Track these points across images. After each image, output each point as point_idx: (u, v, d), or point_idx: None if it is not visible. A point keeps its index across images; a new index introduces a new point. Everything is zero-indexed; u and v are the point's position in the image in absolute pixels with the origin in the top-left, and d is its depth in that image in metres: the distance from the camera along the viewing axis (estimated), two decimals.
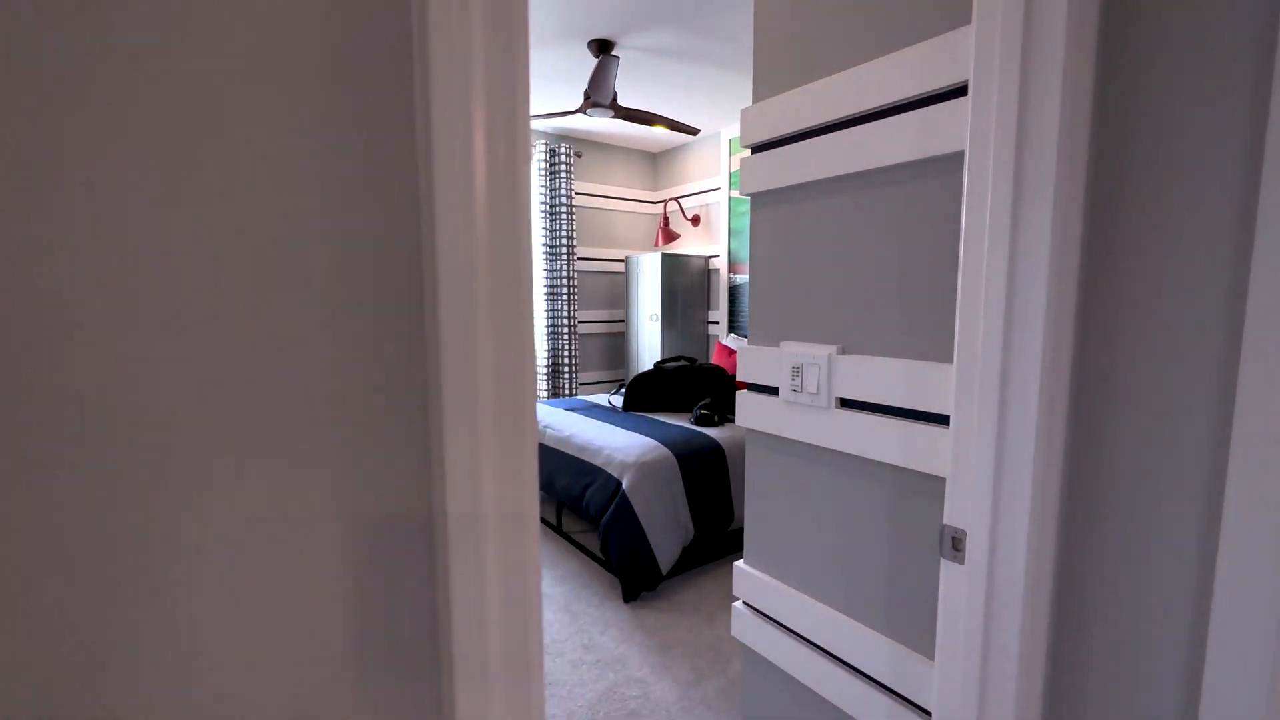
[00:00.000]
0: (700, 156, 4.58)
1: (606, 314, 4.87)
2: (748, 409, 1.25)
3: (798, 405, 1.13)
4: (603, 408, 3.28)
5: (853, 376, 1.03)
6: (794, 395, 1.13)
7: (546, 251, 4.33)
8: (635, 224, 4.99)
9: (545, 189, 4.28)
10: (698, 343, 4.58)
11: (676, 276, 4.37)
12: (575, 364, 4.50)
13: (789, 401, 1.15)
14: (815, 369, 1.09)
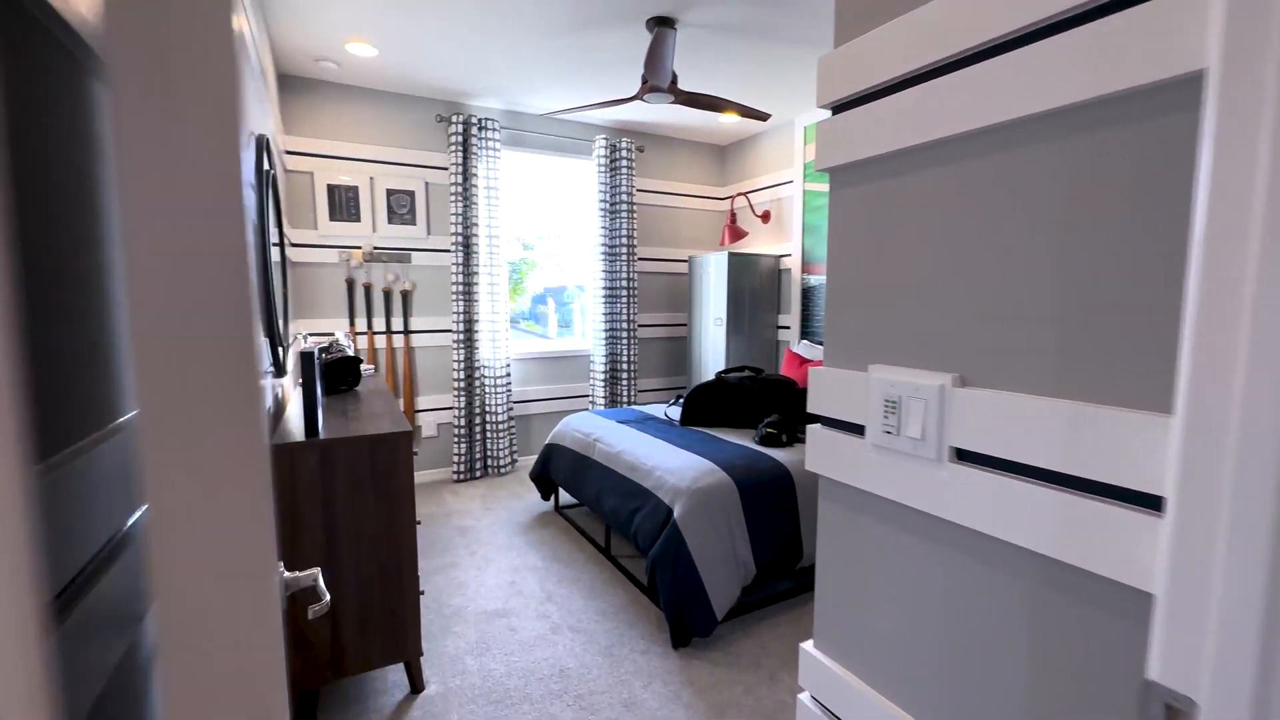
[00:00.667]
0: (771, 147, 4.23)
1: (667, 317, 4.61)
2: (820, 450, 0.95)
3: (892, 453, 0.83)
4: (658, 421, 3.02)
5: (976, 419, 0.72)
6: (887, 439, 0.83)
7: (605, 252, 4.14)
8: (700, 222, 4.70)
9: (604, 187, 4.09)
10: (766, 349, 4.23)
11: (744, 277, 4.05)
12: (634, 370, 4.27)
13: (880, 446, 0.84)
14: (919, 405, 0.78)
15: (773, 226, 4.28)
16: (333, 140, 3.37)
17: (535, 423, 4.18)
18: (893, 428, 0.81)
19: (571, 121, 4.08)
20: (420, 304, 3.69)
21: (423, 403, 3.76)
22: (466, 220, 3.68)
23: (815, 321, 3.94)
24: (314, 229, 3.37)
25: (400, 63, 3.08)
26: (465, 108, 3.71)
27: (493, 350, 3.78)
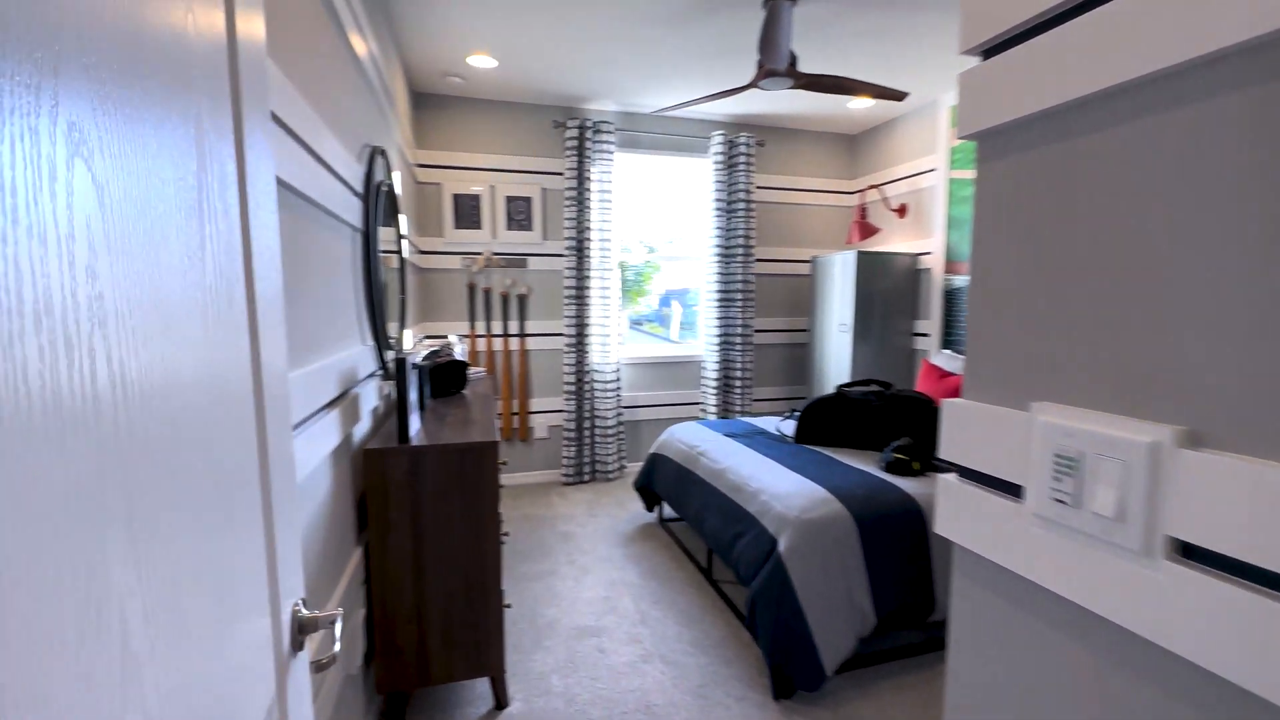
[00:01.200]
0: (910, 132, 3.77)
1: (786, 322, 4.31)
2: (956, 509, 0.71)
3: (1066, 531, 0.58)
4: (770, 436, 2.77)
5: (1213, 499, 0.46)
6: (1058, 510, 0.58)
7: (719, 253, 3.94)
8: (825, 219, 4.33)
9: (721, 185, 3.90)
10: (898, 359, 3.77)
11: (875, 278, 3.64)
12: (748, 379, 4.03)
13: (1046, 519, 0.59)
14: (1115, 469, 0.53)
15: (910, 221, 3.81)
16: (458, 152, 3.54)
17: (644, 429, 4.09)
18: (1068, 495, 0.57)
19: (687, 119, 3.94)
20: (535, 308, 3.77)
21: (535, 404, 3.83)
22: (580, 225, 3.69)
23: (960, 328, 3.43)
24: (441, 236, 3.56)
25: (519, 72, 3.14)
26: (581, 112, 3.73)
27: (603, 354, 3.75)
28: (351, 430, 1.53)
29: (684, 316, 10.24)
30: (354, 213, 1.60)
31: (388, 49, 2.46)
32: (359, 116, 1.77)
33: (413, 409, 1.64)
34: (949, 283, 3.51)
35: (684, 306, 8.55)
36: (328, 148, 1.30)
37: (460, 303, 3.63)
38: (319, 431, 1.21)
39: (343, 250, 1.51)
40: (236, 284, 0.49)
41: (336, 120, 1.50)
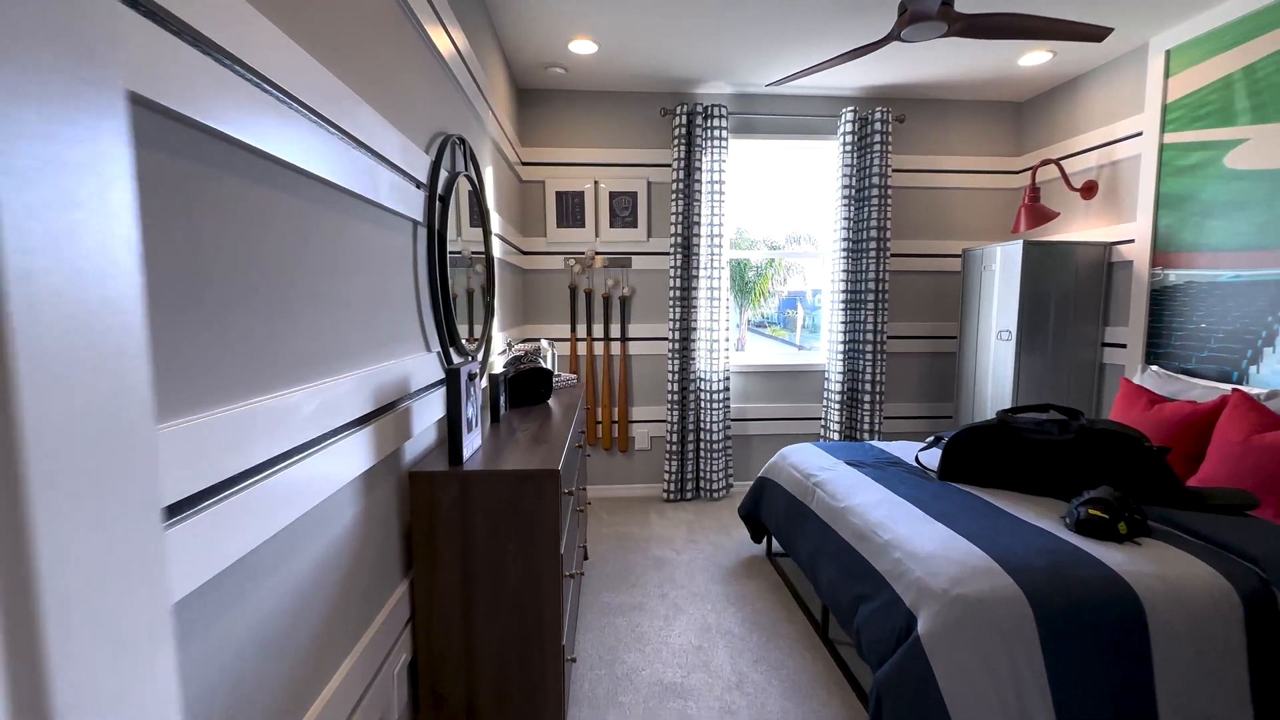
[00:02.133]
0: (1102, 92, 3.00)
1: (930, 328, 3.66)
2: None
3: None
4: (906, 468, 2.27)
5: None
6: None
7: (847, 248, 3.43)
8: (980, 204, 3.63)
9: (849, 170, 3.38)
10: (1081, 375, 3.02)
11: (1049, 274, 2.94)
12: (879, 393, 3.47)
13: None
14: None
15: (1099, 203, 3.03)
16: (562, 148, 3.40)
17: (755, 445, 3.69)
18: None
19: (811, 96, 3.48)
20: (638, 310, 3.53)
21: (637, 413, 3.59)
22: (687, 220, 3.39)
23: (1174, 338, 2.63)
24: (544, 236, 3.44)
25: (621, 55, 2.90)
26: (690, 97, 3.42)
27: (709, 361, 3.41)
28: (402, 447, 1.36)
29: (807, 320, 9.51)
30: (414, 205, 1.43)
31: (481, 34, 2.33)
32: (430, 104, 1.61)
33: (473, 425, 1.44)
34: (1159, 278, 2.71)
35: (807, 310, 7.86)
36: (365, 126, 1.11)
37: (563, 305, 3.48)
38: (340, 453, 1.02)
39: (394, 246, 1.34)
40: None
41: (392, 103, 1.33)
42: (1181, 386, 2.37)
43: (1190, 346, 2.57)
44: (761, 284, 11.36)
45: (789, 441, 3.69)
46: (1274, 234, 2.25)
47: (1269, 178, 2.27)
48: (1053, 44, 2.78)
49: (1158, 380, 2.50)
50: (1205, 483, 1.94)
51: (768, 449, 3.69)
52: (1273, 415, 1.88)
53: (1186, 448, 2.10)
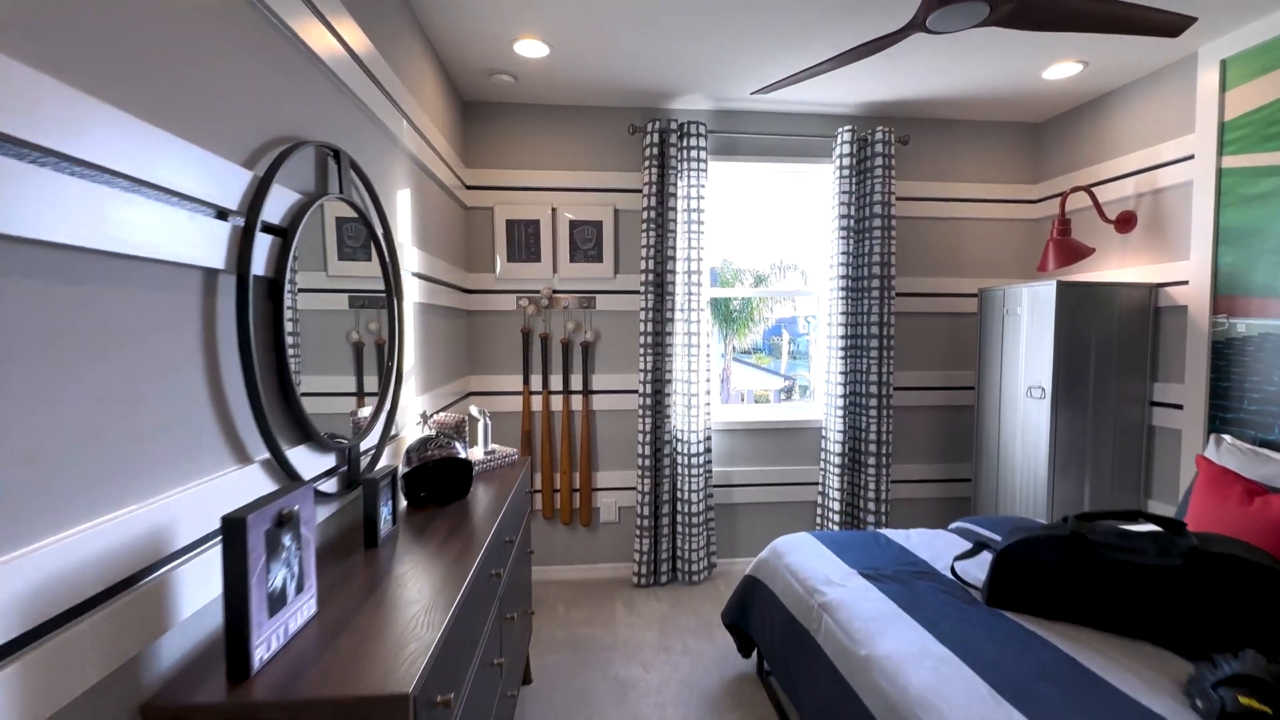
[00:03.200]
0: (1143, 109, 2.59)
1: (942, 377, 3.18)
2: None
3: None
4: (942, 581, 1.73)
5: None
6: None
7: (845, 286, 2.95)
8: (997, 237, 3.19)
9: (847, 197, 2.93)
10: (1125, 439, 2.54)
11: (1088, 320, 2.48)
12: (887, 453, 2.96)
13: None
14: None
15: (1139, 237, 2.60)
16: (514, 170, 2.91)
17: (742, 516, 3.14)
18: None
19: (802, 114, 3.04)
20: (604, 358, 3.00)
21: (603, 479, 3.04)
22: (661, 253, 2.90)
23: (1248, 401, 2.17)
24: (491, 272, 2.92)
25: (578, 60, 2.43)
26: (663, 113, 2.96)
27: (687, 419, 2.88)
28: (150, 649, 0.81)
29: (793, 347, 8.97)
30: (208, 244, 0.90)
31: (396, 30, 1.84)
32: (269, 102, 1.10)
33: (290, 593, 0.89)
34: (1224, 328, 2.26)
35: (793, 337, 7.41)
36: (87, 128, 0.59)
37: (514, 352, 2.95)
38: None
39: (158, 312, 0.81)
40: None
41: (175, 100, 0.81)
42: (1274, 470, 1.89)
43: (1271, 413, 2.09)
44: (749, 313, 10.91)
45: (781, 512, 3.15)
46: None
47: None
48: (1089, 52, 2.36)
49: (1240, 458, 2.01)
50: None
51: (757, 522, 3.14)
52: None
53: None
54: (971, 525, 2.16)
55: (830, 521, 3.00)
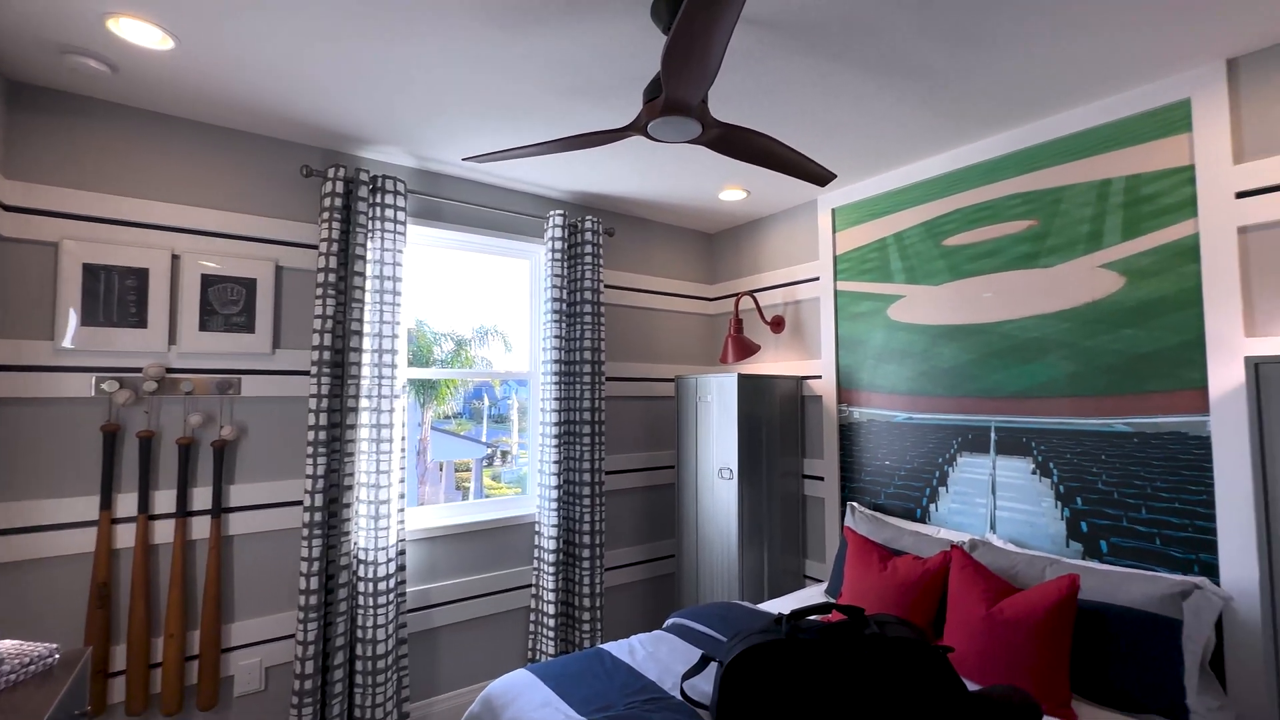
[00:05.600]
0: (782, 235, 3.21)
1: (646, 458, 3.29)
2: None
3: None
4: (672, 706, 1.60)
5: None
6: None
7: (559, 370, 2.84)
8: (688, 329, 3.54)
9: (560, 280, 2.87)
10: (788, 508, 2.95)
11: (759, 406, 2.84)
12: (601, 544, 2.86)
13: None
14: None
15: (788, 337, 3.16)
16: (107, 194, 2.01)
17: (445, 640, 2.62)
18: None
19: (516, 191, 2.92)
20: (250, 462, 2.21)
21: (241, 632, 2.17)
22: (343, 326, 2.33)
23: (864, 473, 2.73)
24: (50, 340, 1.90)
25: (226, 69, 1.82)
26: (352, 160, 2.47)
27: (374, 533, 2.29)
28: None
29: (493, 410, 8.63)
30: None
31: None
32: None
33: None
34: (846, 414, 2.84)
35: (493, 400, 7.09)
36: None
37: (85, 462, 1.94)
38: None
39: None
40: None
41: None
42: (892, 533, 2.36)
43: (879, 482, 2.67)
44: (449, 382, 10.31)
45: (492, 626, 2.74)
46: (932, 382, 2.48)
47: (923, 331, 2.52)
48: (752, 184, 2.81)
49: (869, 523, 2.48)
50: (957, 660, 1.77)
51: (463, 643, 2.66)
52: (996, 578, 1.85)
53: (926, 613, 1.97)
54: (689, 621, 2.15)
55: (545, 627, 2.72)
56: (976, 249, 2.36)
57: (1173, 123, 1.87)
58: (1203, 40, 1.67)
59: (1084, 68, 1.81)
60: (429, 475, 8.54)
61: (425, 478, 8.68)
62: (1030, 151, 2.21)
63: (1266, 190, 1.68)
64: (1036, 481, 2.14)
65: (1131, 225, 1.95)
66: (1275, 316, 1.67)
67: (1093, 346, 2.02)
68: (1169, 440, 1.84)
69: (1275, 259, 1.67)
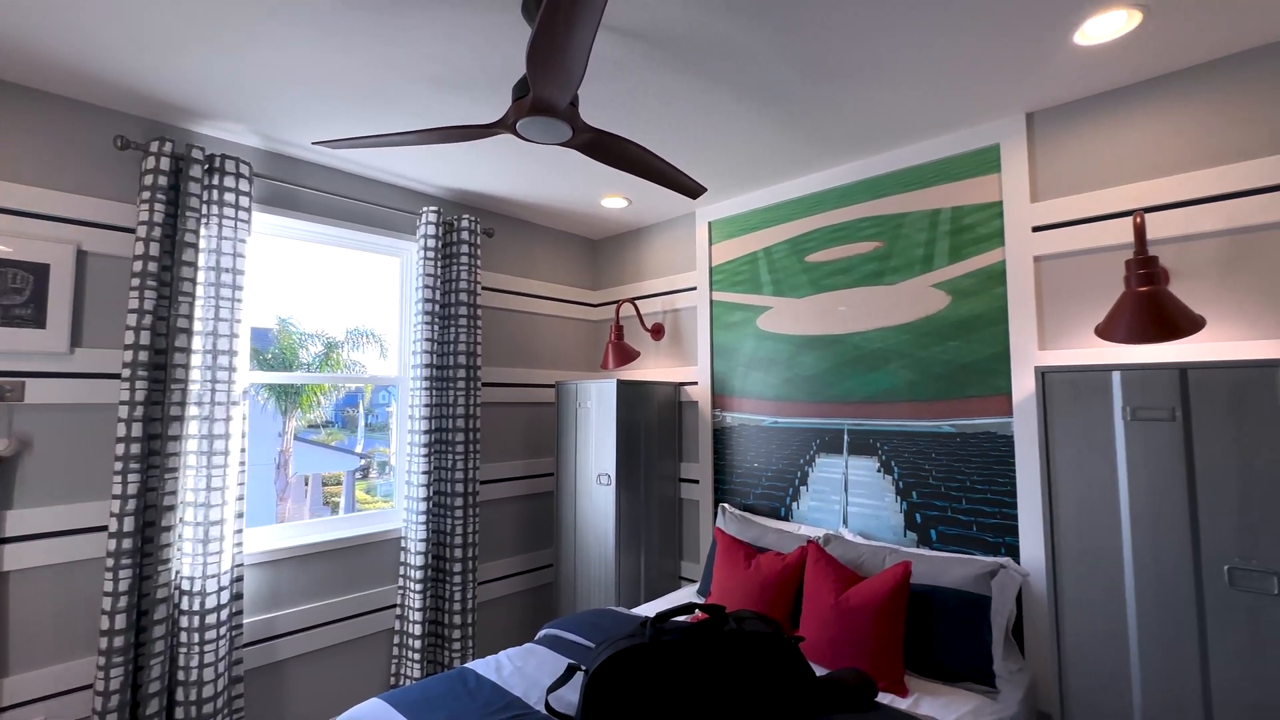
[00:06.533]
0: (663, 245, 3.29)
1: (524, 466, 3.21)
2: None
3: None
4: (532, 718, 1.55)
5: None
6: None
7: (431, 375, 2.69)
8: (570, 334, 3.51)
9: (433, 280, 2.72)
10: (665, 511, 3.01)
11: (638, 412, 2.88)
12: (474, 558, 2.73)
13: None
14: None
15: (667, 345, 3.24)
16: None
17: (293, 673, 2.36)
18: None
19: (384, 183, 2.73)
20: (34, 483, 1.85)
21: (18, 688, 1.80)
22: (167, 323, 2.04)
23: (735, 475, 2.86)
24: None
25: (14, 11, 1.53)
26: (182, 134, 2.18)
27: (202, 559, 2.02)
28: None
29: (371, 418, 8.01)
30: None
31: None
32: None
33: None
34: (719, 419, 2.95)
35: (370, 408, 6.73)
36: None
37: None
38: None
39: None
40: None
41: None
42: (757, 531, 2.49)
43: (749, 483, 2.80)
44: (316, 388, 9.19)
45: (349, 654, 2.51)
46: (796, 389, 2.65)
47: (787, 341, 2.70)
48: (633, 193, 2.85)
49: (738, 523, 2.59)
50: (809, 648, 1.90)
51: (315, 674, 2.41)
52: (844, 569, 2.00)
53: (785, 607, 2.09)
54: (560, 631, 2.11)
55: (410, 650, 2.54)
56: (833, 266, 2.56)
57: (986, 164, 2.16)
58: (1007, 96, 1.94)
59: (915, 110, 2.03)
60: (292, 490, 7.57)
61: (286, 493, 7.73)
62: (878, 180, 2.45)
63: (1055, 226, 1.98)
64: (881, 479, 2.36)
65: (956, 251, 2.22)
66: (1060, 333, 1.97)
67: (926, 357, 2.27)
68: (983, 439, 2.11)
69: (1060, 285, 1.98)
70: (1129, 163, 1.86)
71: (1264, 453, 1.31)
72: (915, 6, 1.49)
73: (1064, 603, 1.58)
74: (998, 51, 1.69)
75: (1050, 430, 1.62)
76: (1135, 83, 1.86)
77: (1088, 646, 1.54)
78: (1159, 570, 1.43)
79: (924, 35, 1.61)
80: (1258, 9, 1.51)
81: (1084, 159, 1.95)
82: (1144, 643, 1.45)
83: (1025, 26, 1.58)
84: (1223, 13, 1.52)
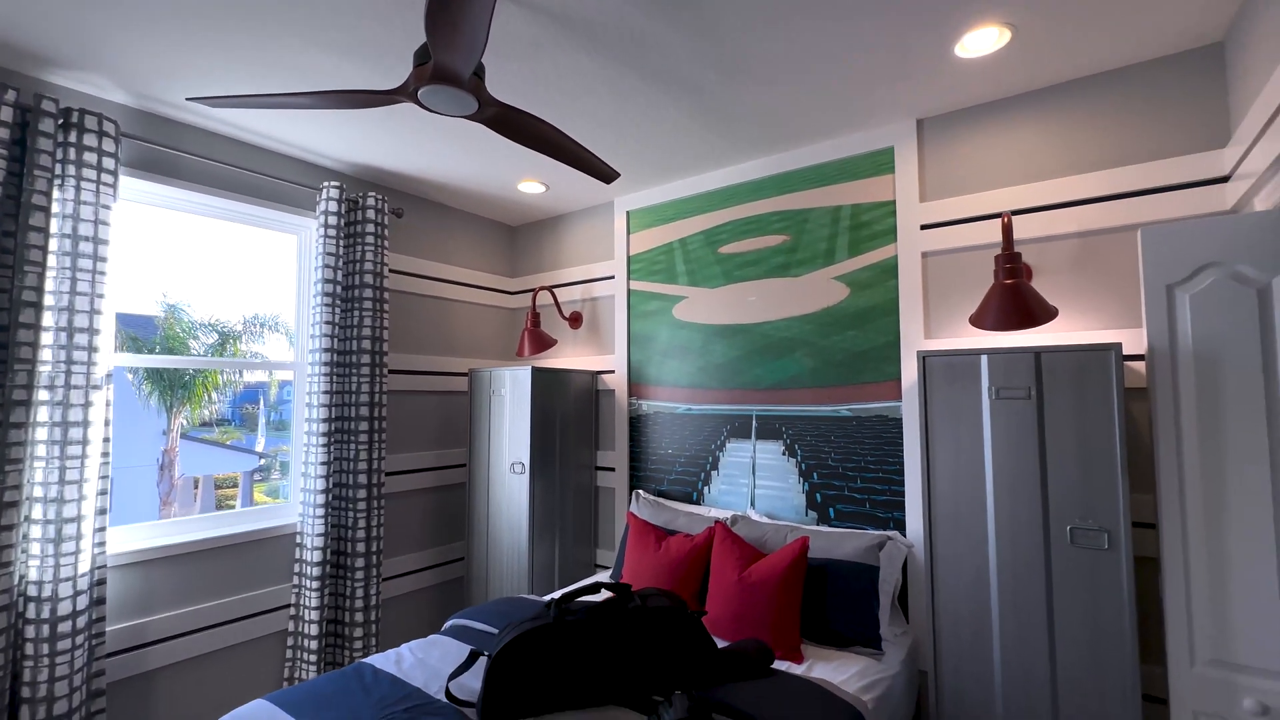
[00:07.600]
0: (581, 233, 3.27)
1: (435, 457, 3.10)
2: None
3: None
4: (439, 710, 1.50)
5: None
6: None
7: (331, 361, 2.54)
8: (485, 321, 3.42)
9: (334, 260, 2.57)
10: (580, 499, 3.01)
11: (554, 400, 2.85)
12: (378, 552, 2.61)
13: None
14: None
15: (585, 333, 3.23)
16: None
17: (166, 683, 2.16)
18: None
19: (277, 153, 2.54)
20: None
21: None
22: (10, 295, 1.80)
23: (650, 462, 2.90)
24: None
25: None
26: (29, 81, 1.93)
27: (54, 562, 1.80)
28: None
29: (273, 415, 7.53)
30: None
31: None
32: None
33: None
34: (635, 407, 2.98)
35: (270, 405, 6.34)
36: None
37: None
38: None
39: None
40: None
41: None
42: (669, 515, 2.54)
43: (663, 470, 2.85)
44: (209, 378, 8.22)
45: (235, 660, 2.33)
46: (708, 376, 2.73)
47: (701, 330, 2.76)
48: (551, 178, 2.82)
49: (650, 509, 2.63)
50: (713, 623, 1.96)
51: (196, 683, 2.22)
52: (749, 547, 2.08)
53: (693, 585, 2.14)
54: (467, 621, 2.05)
55: (306, 650, 2.40)
56: (745, 257, 2.65)
57: (882, 165, 2.30)
58: (899, 102, 2.08)
59: (816, 111, 2.14)
60: (179, 493, 6.81)
61: (172, 496, 7.00)
62: (786, 176, 2.55)
63: (940, 225, 2.15)
64: (785, 461, 2.47)
65: (855, 245, 2.36)
66: (943, 324, 2.14)
67: (827, 345, 2.39)
68: (876, 422, 2.26)
69: (944, 279, 2.15)
70: (1003, 168, 2.05)
71: (1099, 426, 1.49)
72: (812, 9, 1.56)
73: (938, 559, 1.73)
74: (890, 60, 1.81)
75: (930, 408, 1.76)
76: (1010, 96, 2.04)
77: (957, 600, 1.70)
78: (1015, 529, 1.60)
79: (822, 38, 1.70)
80: (1108, 38, 1.71)
81: (966, 163, 2.12)
82: (1001, 592, 1.61)
83: (913, 35, 1.69)
84: (1080, 38, 1.71)
